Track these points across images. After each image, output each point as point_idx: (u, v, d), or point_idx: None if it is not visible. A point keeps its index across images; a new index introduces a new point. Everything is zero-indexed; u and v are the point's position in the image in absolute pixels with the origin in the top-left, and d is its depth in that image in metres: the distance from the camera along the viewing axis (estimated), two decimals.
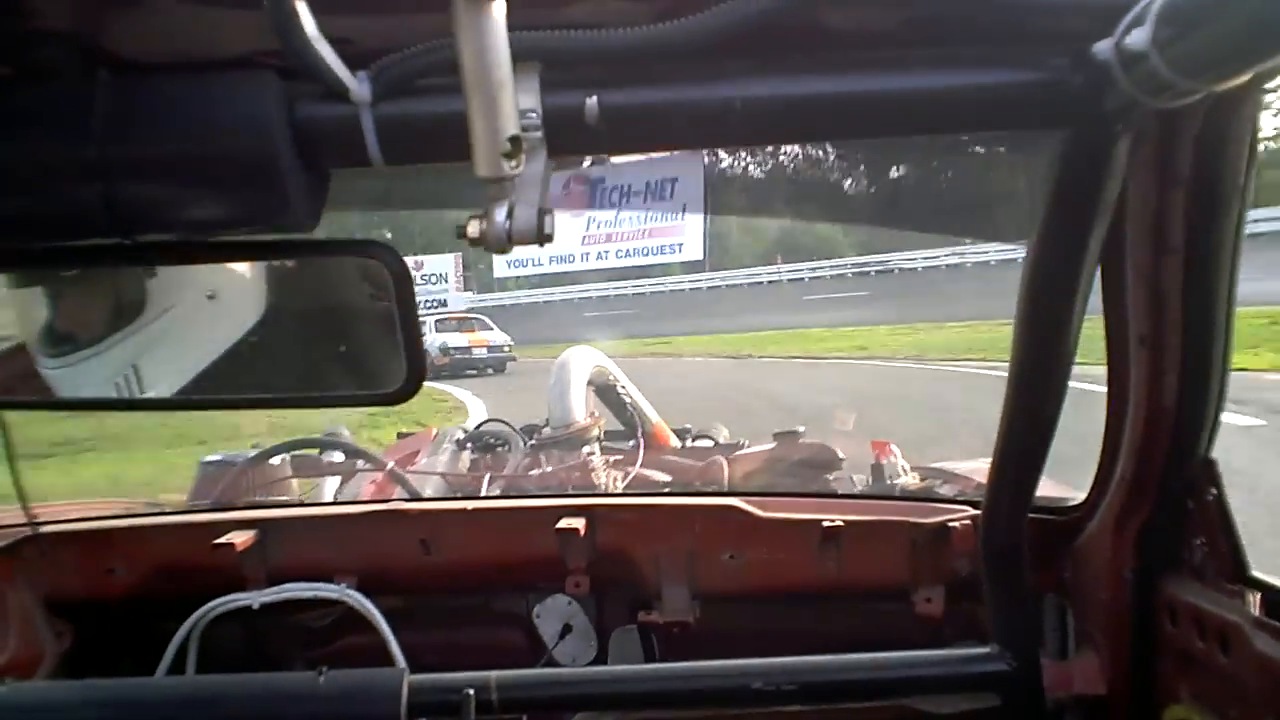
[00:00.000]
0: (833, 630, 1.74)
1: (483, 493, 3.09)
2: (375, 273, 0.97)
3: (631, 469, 3.43)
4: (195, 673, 1.67)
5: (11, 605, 1.70)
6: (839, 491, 2.96)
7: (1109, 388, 1.30)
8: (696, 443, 4.22)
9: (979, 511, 1.43)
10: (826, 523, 1.67)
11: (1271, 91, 0.93)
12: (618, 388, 4.13)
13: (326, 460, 3.46)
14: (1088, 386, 1.30)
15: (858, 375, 14.16)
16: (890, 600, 1.70)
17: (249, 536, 1.73)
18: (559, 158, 0.83)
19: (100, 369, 1.07)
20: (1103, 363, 1.28)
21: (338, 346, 1.12)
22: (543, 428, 3.79)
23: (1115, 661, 1.40)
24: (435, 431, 4.23)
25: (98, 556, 1.79)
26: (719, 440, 4.27)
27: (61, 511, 2.03)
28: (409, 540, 1.78)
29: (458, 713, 1.37)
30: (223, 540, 1.70)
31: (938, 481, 2.84)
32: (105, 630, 1.83)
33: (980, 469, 2.37)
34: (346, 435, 3.76)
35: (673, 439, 4.19)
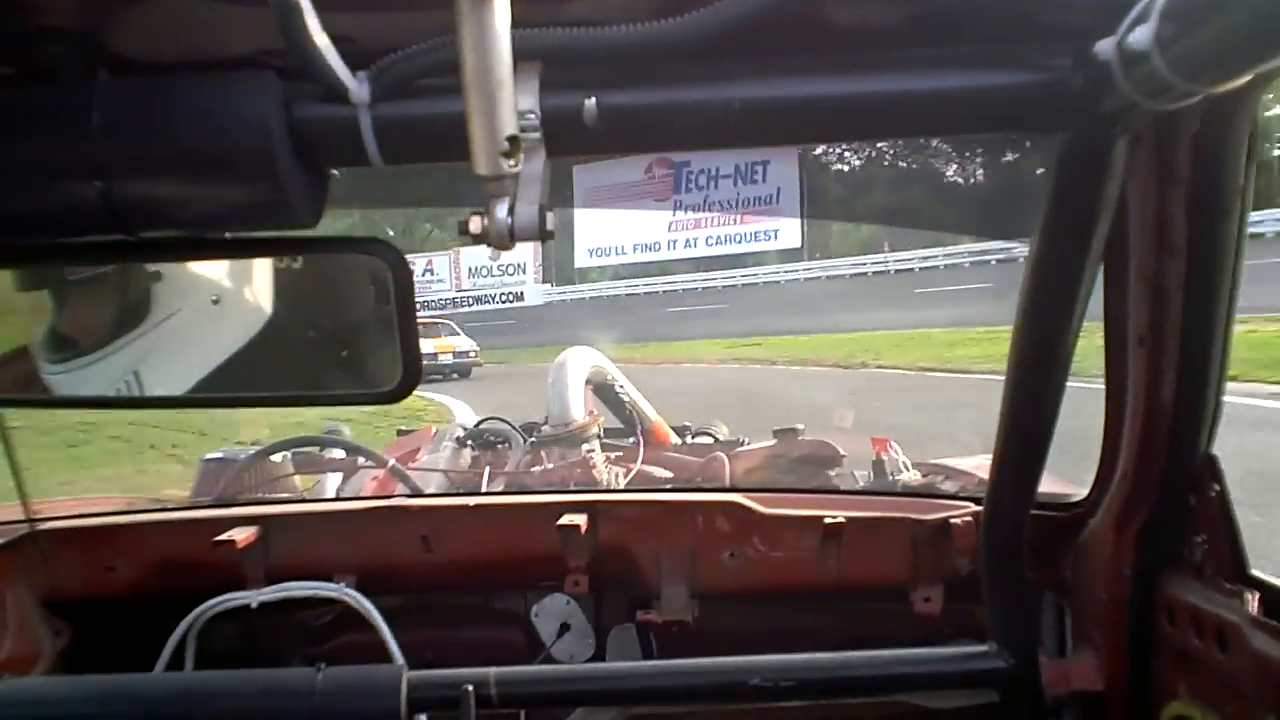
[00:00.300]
0: (830, 630, 1.73)
1: (483, 490, 3.09)
2: (375, 270, 0.97)
3: (633, 466, 3.43)
4: (193, 670, 1.67)
5: (9, 603, 1.70)
6: (840, 488, 2.96)
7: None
8: (696, 440, 4.23)
9: (980, 508, 1.44)
10: (828, 519, 1.67)
11: (1269, 93, 0.93)
12: (615, 387, 4.13)
13: (327, 457, 3.46)
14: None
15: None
16: (889, 600, 1.70)
17: (250, 533, 1.73)
18: (557, 158, 0.83)
19: (101, 375, 1.07)
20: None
21: (336, 346, 1.12)
22: (542, 425, 3.79)
23: (1113, 659, 1.40)
24: (435, 429, 4.23)
25: (97, 553, 1.79)
26: (719, 437, 4.28)
27: (61, 508, 2.03)
28: (410, 536, 1.78)
29: (457, 708, 1.37)
30: (223, 537, 1.70)
31: (939, 478, 2.83)
32: (103, 628, 1.82)
33: (982, 465, 2.36)
34: (347, 434, 3.76)
35: (672, 436, 4.19)
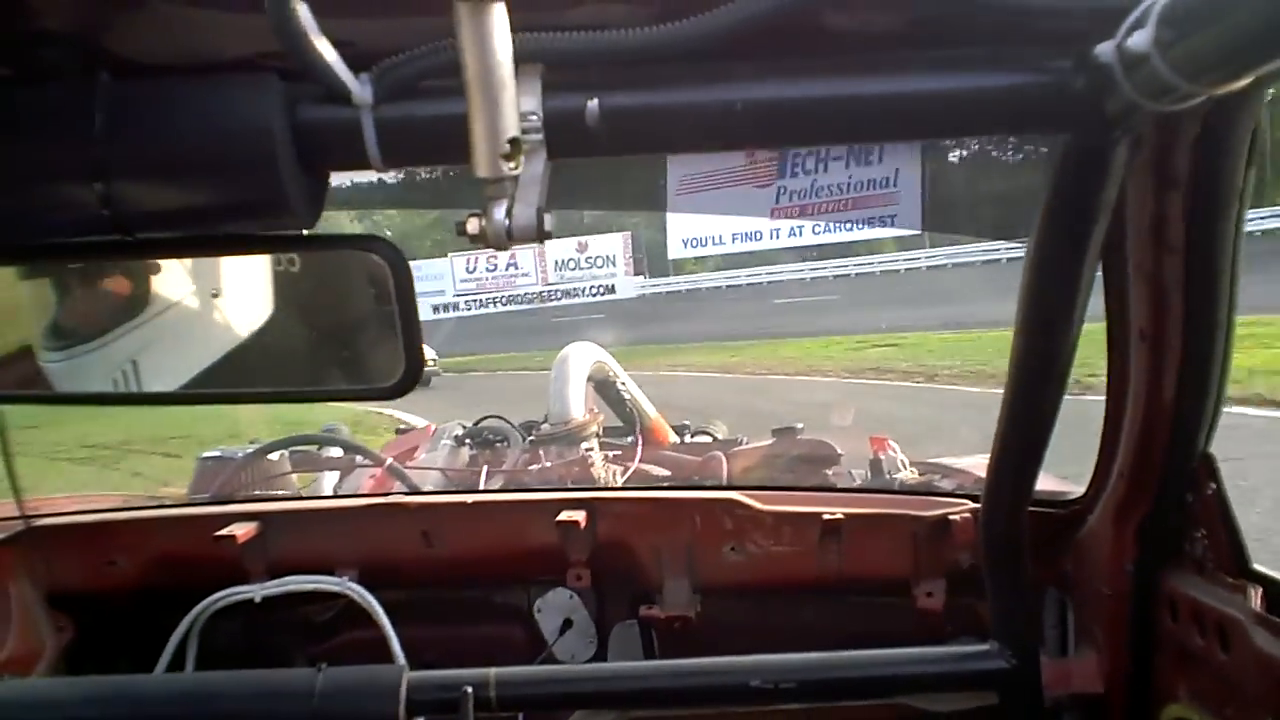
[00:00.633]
0: (833, 625, 1.74)
1: (481, 488, 3.09)
2: (375, 268, 0.97)
3: (631, 464, 3.44)
4: (196, 667, 1.67)
5: (12, 599, 1.70)
6: (839, 486, 2.97)
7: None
8: (695, 439, 4.23)
9: (978, 505, 1.44)
10: (827, 516, 1.67)
11: (1269, 95, 0.93)
12: (617, 384, 4.14)
13: (324, 456, 3.46)
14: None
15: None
16: (891, 594, 1.70)
17: (250, 529, 1.74)
18: (558, 159, 0.84)
19: (100, 363, 1.07)
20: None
21: (337, 342, 1.12)
22: (541, 424, 3.79)
23: (1114, 658, 1.40)
24: (434, 428, 4.23)
25: (99, 549, 1.79)
26: (717, 436, 4.29)
27: (62, 505, 2.03)
28: (410, 533, 1.78)
29: (456, 710, 1.37)
30: (224, 532, 1.71)
31: (936, 476, 2.84)
32: (106, 623, 1.82)
33: (979, 464, 2.37)
34: (345, 433, 3.76)
35: (671, 435, 4.20)
